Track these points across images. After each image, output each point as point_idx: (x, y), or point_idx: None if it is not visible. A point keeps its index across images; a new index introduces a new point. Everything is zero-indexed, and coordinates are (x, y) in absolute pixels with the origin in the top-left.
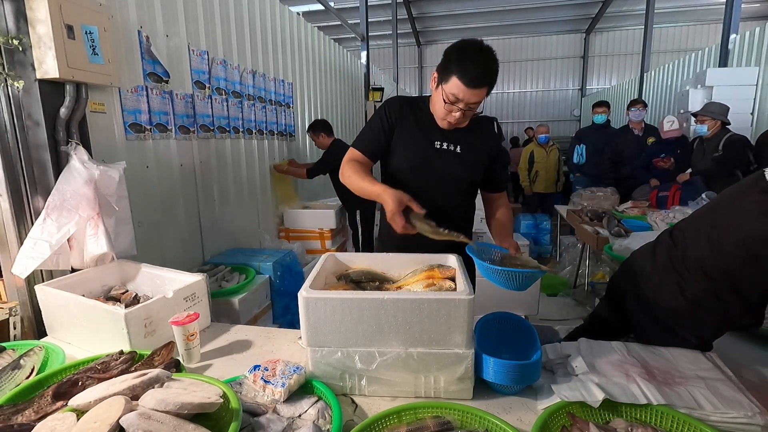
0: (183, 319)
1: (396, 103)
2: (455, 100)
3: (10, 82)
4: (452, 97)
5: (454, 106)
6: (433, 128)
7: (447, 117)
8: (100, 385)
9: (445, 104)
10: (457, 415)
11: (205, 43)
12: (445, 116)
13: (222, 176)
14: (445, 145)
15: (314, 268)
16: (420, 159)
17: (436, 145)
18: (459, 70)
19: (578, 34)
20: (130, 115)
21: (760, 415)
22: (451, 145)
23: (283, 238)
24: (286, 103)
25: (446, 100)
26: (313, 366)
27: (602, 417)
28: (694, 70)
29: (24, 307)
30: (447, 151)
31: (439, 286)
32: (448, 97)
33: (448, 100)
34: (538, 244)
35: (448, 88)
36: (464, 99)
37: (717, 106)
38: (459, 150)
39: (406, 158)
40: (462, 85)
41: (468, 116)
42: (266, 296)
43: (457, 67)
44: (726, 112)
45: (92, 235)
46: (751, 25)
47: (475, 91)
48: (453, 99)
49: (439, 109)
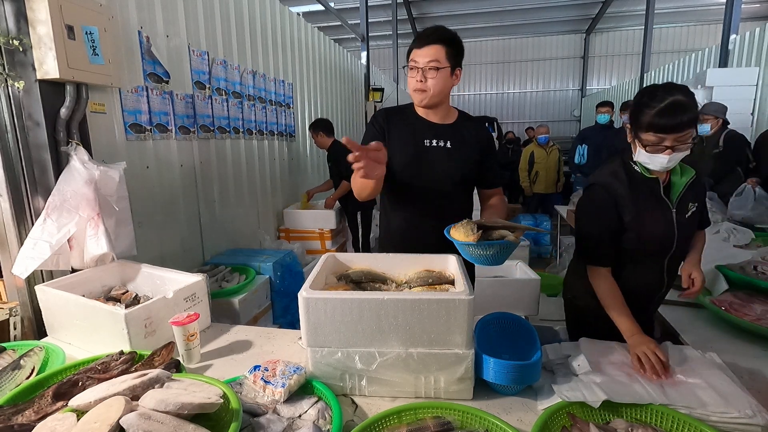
0: (183, 320)
1: (382, 113)
2: (413, 65)
3: (11, 83)
4: (412, 63)
5: (413, 71)
6: (422, 128)
7: (414, 84)
8: (100, 385)
9: (410, 75)
10: (458, 415)
11: (206, 43)
12: (413, 84)
13: (222, 177)
14: (434, 142)
15: (314, 268)
16: (411, 158)
17: (426, 143)
18: (413, 43)
19: (578, 34)
20: (131, 116)
21: (760, 415)
22: (440, 142)
23: (283, 238)
24: (286, 104)
25: (409, 75)
26: (313, 366)
27: (602, 417)
28: (694, 70)
29: (24, 308)
30: (437, 147)
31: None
32: (410, 66)
33: (410, 70)
34: (538, 245)
35: (410, 59)
36: (418, 59)
37: (717, 105)
38: (449, 145)
39: (399, 159)
40: (415, 49)
41: (432, 79)
42: (266, 296)
43: (413, 43)
44: (725, 111)
45: (92, 235)
46: (751, 26)
47: (426, 49)
48: (412, 65)
49: (410, 86)
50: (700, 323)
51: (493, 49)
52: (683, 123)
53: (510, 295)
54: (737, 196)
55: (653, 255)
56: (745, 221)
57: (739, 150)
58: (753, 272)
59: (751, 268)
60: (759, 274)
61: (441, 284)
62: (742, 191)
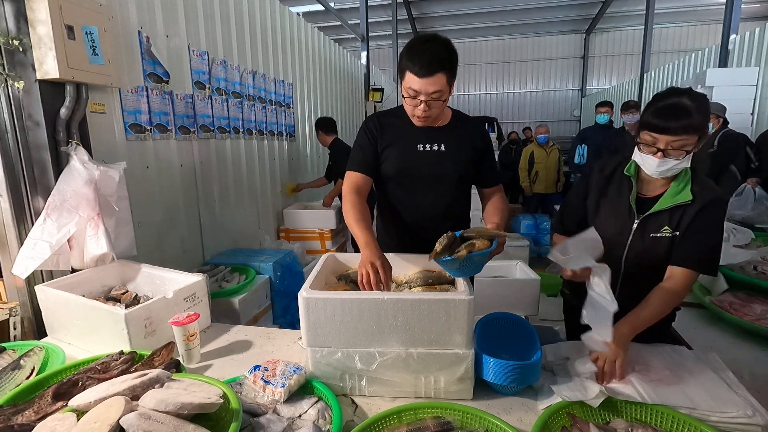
0: (183, 320)
1: (374, 119)
2: (414, 94)
3: (11, 83)
4: (411, 92)
5: (415, 100)
6: (415, 132)
7: (414, 112)
8: (100, 385)
9: (408, 100)
10: (457, 415)
11: (205, 43)
12: (413, 112)
13: (222, 176)
14: (428, 146)
15: (314, 268)
16: (406, 163)
17: (419, 148)
18: (409, 64)
19: (578, 34)
20: (131, 116)
21: (759, 415)
22: (434, 145)
23: (283, 238)
24: (286, 104)
25: (405, 95)
26: (313, 366)
27: (602, 417)
28: (694, 70)
29: (24, 308)
30: (431, 151)
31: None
32: (407, 91)
33: (407, 95)
34: (538, 245)
35: (406, 84)
36: (421, 90)
37: (717, 104)
38: (443, 148)
39: (393, 166)
40: (414, 76)
41: (437, 107)
42: (266, 296)
43: (407, 62)
44: (725, 111)
45: (92, 235)
46: (751, 26)
47: (429, 79)
48: (412, 93)
49: (407, 107)
50: (700, 323)
51: (493, 49)
52: (678, 127)
53: (510, 295)
54: (737, 196)
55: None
56: (745, 221)
57: (734, 150)
58: (753, 272)
59: (751, 268)
60: (759, 274)
61: (441, 284)
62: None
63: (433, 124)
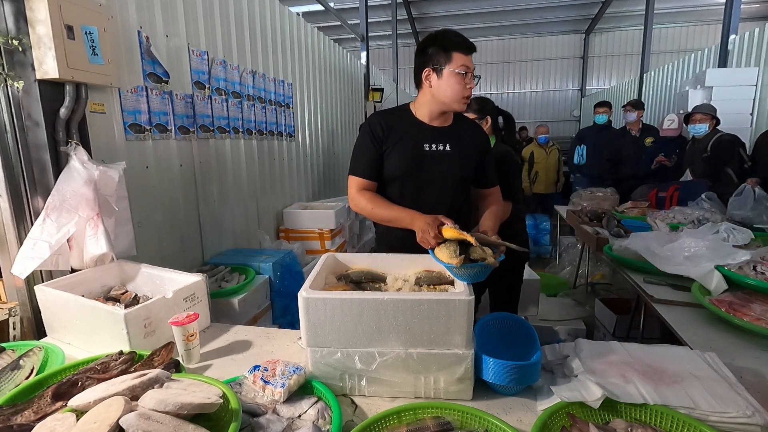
0: (183, 320)
1: (377, 119)
2: (467, 70)
3: (10, 83)
4: (464, 68)
5: (467, 76)
6: (420, 132)
7: (464, 92)
8: (99, 385)
9: (462, 78)
10: (457, 415)
11: (205, 43)
12: (463, 92)
13: (222, 176)
14: (434, 146)
15: (314, 268)
16: (412, 164)
17: (425, 148)
18: (456, 46)
19: (578, 34)
20: (130, 116)
21: (759, 415)
22: (440, 145)
23: (283, 238)
24: (286, 104)
25: (455, 76)
26: (312, 366)
27: (602, 417)
28: (693, 70)
29: (24, 308)
30: (437, 151)
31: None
32: (461, 69)
33: (461, 73)
34: (538, 245)
35: (456, 65)
36: (471, 66)
37: (707, 105)
38: (448, 148)
39: (399, 166)
40: (462, 54)
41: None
42: (266, 297)
43: (453, 45)
44: (715, 111)
45: (92, 235)
46: (750, 26)
47: (469, 57)
48: (465, 69)
49: (454, 91)
50: (700, 323)
51: (493, 49)
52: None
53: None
54: (737, 196)
55: None
56: (745, 221)
57: (726, 153)
58: (752, 272)
59: (750, 268)
60: (758, 274)
61: (441, 284)
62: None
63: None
